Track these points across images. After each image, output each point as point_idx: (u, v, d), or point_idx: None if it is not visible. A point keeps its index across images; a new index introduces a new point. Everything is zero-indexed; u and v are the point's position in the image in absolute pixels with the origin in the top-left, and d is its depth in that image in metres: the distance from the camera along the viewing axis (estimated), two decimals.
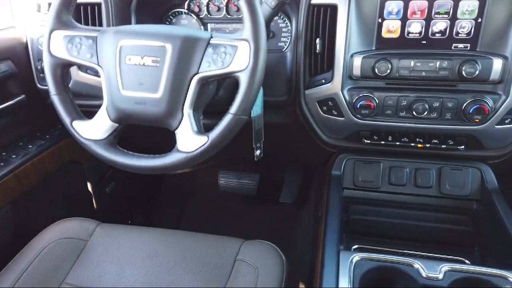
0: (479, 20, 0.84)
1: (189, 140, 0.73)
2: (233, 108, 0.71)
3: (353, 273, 0.69)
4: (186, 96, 0.73)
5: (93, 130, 0.79)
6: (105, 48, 0.76)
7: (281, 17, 1.04)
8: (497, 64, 0.83)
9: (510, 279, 0.66)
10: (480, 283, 0.67)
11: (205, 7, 1.09)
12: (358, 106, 0.91)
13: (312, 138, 1.04)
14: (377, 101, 0.91)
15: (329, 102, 0.95)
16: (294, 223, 1.46)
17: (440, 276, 0.67)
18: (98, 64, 0.77)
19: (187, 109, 0.74)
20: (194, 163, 0.74)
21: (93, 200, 1.35)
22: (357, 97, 0.91)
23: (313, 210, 1.41)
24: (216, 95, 0.87)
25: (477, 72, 0.83)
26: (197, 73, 0.73)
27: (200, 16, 1.10)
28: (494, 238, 0.84)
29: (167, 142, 0.79)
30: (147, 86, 0.74)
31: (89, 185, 1.34)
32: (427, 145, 0.94)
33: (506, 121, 0.87)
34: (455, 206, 0.95)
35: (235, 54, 0.70)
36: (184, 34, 0.74)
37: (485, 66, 0.83)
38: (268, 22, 0.83)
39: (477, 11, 0.84)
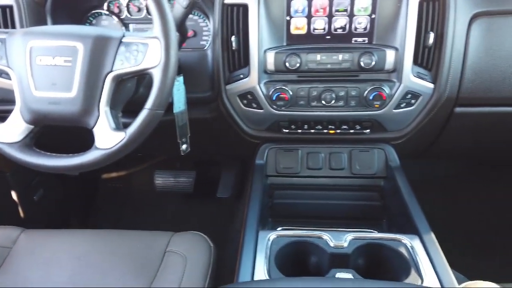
0: (373, 16, 0.95)
1: (107, 137, 0.75)
2: (149, 103, 0.74)
3: (269, 250, 0.75)
4: (101, 94, 0.75)
5: (7, 133, 0.78)
6: (15, 50, 0.76)
7: (201, 17, 1.08)
8: (390, 55, 0.94)
9: (403, 241, 0.76)
10: (379, 247, 0.76)
11: (125, 8, 1.10)
12: (274, 98, 0.99)
13: (237, 131, 1.10)
14: (291, 93, 0.98)
15: (249, 96, 1.01)
16: (231, 215, 1.51)
17: (345, 244, 0.76)
18: (9, 66, 0.77)
19: (104, 107, 0.75)
20: (114, 159, 0.76)
21: (19, 209, 1.30)
22: (273, 90, 0.98)
23: None
24: (136, 93, 0.89)
25: (373, 63, 0.93)
26: (111, 71, 0.75)
27: (121, 17, 1.11)
28: (396, 210, 0.95)
29: (86, 141, 0.80)
30: (61, 86, 0.74)
31: (14, 194, 1.29)
32: (338, 131, 1.04)
33: (402, 105, 0.98)
34: (366, 184, 1.06)
35: (147, 52, 0.73)
36: (96, 34, 0.75)
37: (380, 57, 0.94)
38: (182, 20, 0.87)
39: (370, 8, 0.94)
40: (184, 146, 1.00)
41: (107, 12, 1.10)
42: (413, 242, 0.76)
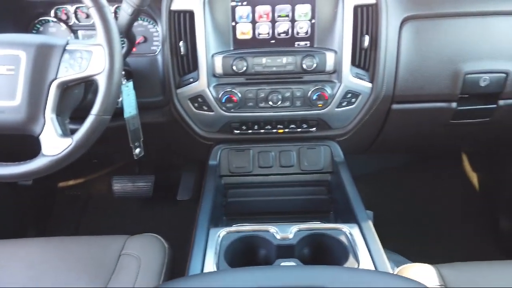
0: (313, 21, 1.01)
1: (54, 143, 0.76)
2: (95, 109, 0.76)
3: (219, 245, 0.79)
4: (46, 102, 0.76)
5: None
6: None
7: (151, 22, 1.10)
8: (330, 57, 1.00)
9: (343, 229, 0.82)
10: (321, 237, 0.81)
11: (73, 15, 1.10)
12: (223, 101, 1.02)
13: (190, 133, 1.13)
14: (239, 95, 1.02)
15: (199, 99, 1.04)
16: (191, 217, 1.53)
17: (291, 236, 0.81)
18: None
19: (49, 114, 0.76)
20: (61, 166, 0.77)
21: None
22: (222, 93, 1.02)
23: None
24: (85, 99, 0.90)
25: (315, 65, 0.99)
26: (56, 78, 0.76)
27: (69, 24, 1.11)
28: (340, 202, 1.02)
29: (34, 148, 0.80)
30: (4, 94, 0.75)
31: None
32: (286, 130, 1.09)
33: (343, 104, 1.05)
34: (314, 179, 1.12)
35: (91, 59, 0.75)
36: (39, 42, 0.76)
37: (321, 59, 1.00)
38: (128, 27, 0.89)
39: (310, 14, 1.00)
40: (137, 150, 1.02)
41: (54, 19, 1.10)
42: (352, 230, 0.82)
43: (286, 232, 0.81)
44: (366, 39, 1.00)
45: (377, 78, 1.02)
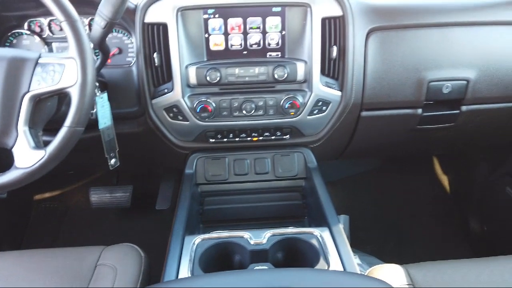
0: (283, 32, 1.05)
1: (27, 156, 0.76)
2: (68, 121, 0.77)
3: (194, 252, 0.80)
4: (19, 115, 0.76)
5: None
6: None
7: (125, 34, 1.12)
8: (300, 67, 1.04)
9: (314, 233, 0.85)
10: (294, 241, 0.84)
11: (47, 27, 1.11)
12: (198, 110, 1.05)
13: (166, 143, 1.14)
14: (214, 105, 1.05)
15: (174, 109, 1.06)
16: (169, 226, 1.54)
17: (264, 241, 0.83)
18: None
19: (22, 127, 0.77)
20: (34, 178, 0.77)
21: None
22: (196, 102, 1.04)
23: None
24: (59, 112, 0.91)
25: (286, 75, 1.03)
26: (28, 91, 0.77)
27: (43, 36, 1.12)
28: (313, 207, 1.05)
29: (6, 161, 0.81)
30: None
31: None
32: (261, 138, 1.12)
33: (315, 112, 1.08)
34: (288, 185, 1.15)
35: (63, 72, 0.76)
36: (10, 55, 0.77)
37: (292, 69, 1.03)
38: (101, 40, 0.90)
39: (280, 26, 1.04)
40: (112, 161, 1.03)
41: (28, 32, 1.10)
42: (323, 234, 0.85)
43: (260, 238, 0.83)
44: (334, 50, 1.04)
45: (346, 86, 1.06)
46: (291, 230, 0.86)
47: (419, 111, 1.13)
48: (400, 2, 1.11)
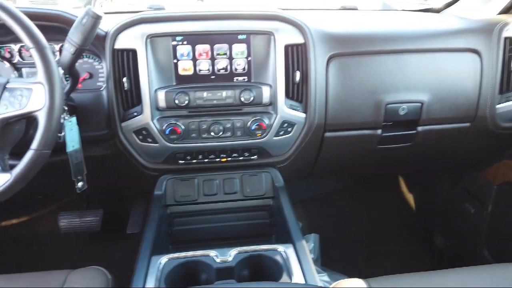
0: (249, 58, 1.10)
1: None
2: (34, 144, 0.78)
3: (161, 272, 0.81)
4: None
5: None
6: None
7: (96, 60, 1.15)
8: (266, 91, 1.09)
9: (279, 249, 0.88)
10: (259, 258, 0.87)
11: (17, 53, 1.12)
12: (167, 133, 1.08)
13: (135, 165, 1.16)
14: (182, 127, 1.08)
15: (143, 131, 1.09)
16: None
17: (230, 258, 0.85)
18: None
19: None
20: (0, 200, 0.78)
21: None
22: (165, 125, 1.07)
23: None
24: (26, 135, 0.92)
25: (252, 98, 1.08)
26: None
27: (13, 62, 1.13)
28: (280, 225, 1.08)
29: None
30: None
31: None
32: (230, 159, 1.15)
33: (281, 133, 1.13)
34: (257, 205, 1.18)
35: (31, 96, 0.78)
36: None
37: (258, 93, 1.08)
38: (71, 65, 0.93)
39: (246, 52, 1.10)
40: (80, 184, 1.03)
41: None
42: (287, 250, 0.88)
43: (226, 256, 0.85)
44: (298, 75, 1.10)
45: (310, 109, 1.12)
46: (256, 247, 0.88)
47: (379, 131, 1.20)
48: (357, 31, 1.19)
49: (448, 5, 1.48)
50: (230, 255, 0.85)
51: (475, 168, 1.45)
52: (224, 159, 1.15)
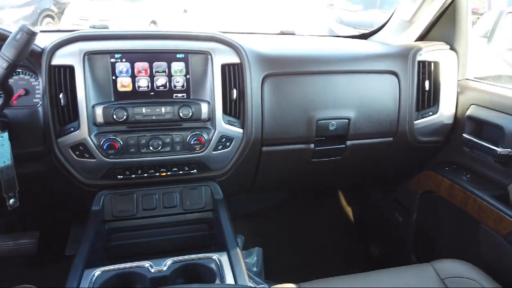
0: (188, 76, 1.15)
1: None
2: None
3: (93, 285, 0.81)
4: None
5: None
6: None
7: (33, 76, 1.14)
8: (204, 107, 1.14)
9: (213, 257, 0.91)
10: (194, 266, 0.89)
11: None
12: (105, 148, 1.09)
13: (72, 181, 1.15)
14: (121, 142, 1.10)
15: (80, 147, 1.09)
16: None
17: (165, 268, 0.87)
18: None
19: None
20: None
21: None
22: (103, 140, 1.08)
23: None
24: None
25: (191, 114, 1.12)
26: None
27: None
28: (219, 236, 1.11)
29: None
30: None
31: None
32: (169, 173, 1.18)
33: (219, 148, 1.18)
34: (196, 218, 1.20)
35: None
36: None
37: (196, 109, 1.13)
38: (3, 81, 0.93)
39: (185, 70, 1.15)
40: (11, 201, 1.01)
41: None
42: (221, 258, 0.91)
43: (161, 265, 0.87)
44: (234, 92, 1.17)
45: (247, 124, 1.18)
46: (191, 256, 0.91)
47: (312, 146, 1.29)
48: (290, 53, 1.29)
49: (374, 32, 1.64)
50: (165, 264, 0.87)
51: (402, 180, 1.58)
52: (164, 174, 1.18)
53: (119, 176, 1.14)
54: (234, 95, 1.17)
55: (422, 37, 1.48)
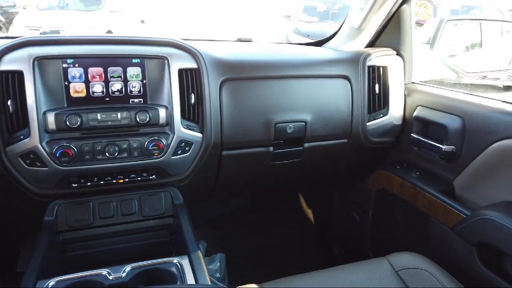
0: (144, 81, 1.15)
1: None
2: None
3: None
4: None
5: None
6: None
7: None
8: (162, 112, 1.13)
9: (174, 261, 0.90)
10: (154, 271, 0.88)
11: None
12: (58, 155, 1.05)
13: (23, 192, 1.09)
14: (75, 149, 1.06)
15: (31, 155, 1.04)
16: None
17: (124, 275, 0.85)
18: None
19: None
20: None
21: None
22: (56, 147, 1.05)
23: None
24: None
25: (148, 119, 1.11)
26: None
27: None
28: (180, 242, 1.10)
29: None
30: None
31: None
32: (127, 180, 1.15)
33: (179, 152, 1.18)
34: (157, 224, 1.19)
35: None
36: None
37: (154, 114, 1.12)
38: None
39: (141, 75, 1.14)
40: None
41: None
42: (182, 261, 0.91)
43: (119, 272, 0.85)
44: (193, 97, 1.17)
45: (206, 129, 1.19)
46: (151, 261, 0.90)
47: (271, 148, 1.32)
48: (247, 59, 1.31)
49: (328, 39, 1.71)
50: (124, 271, 0.85)
51: (358, 180, 1.65)
52: (121, 181, 1.15)
53: (73, 185, 1.10)
54: (193, 100, 1.17)
55: (371, 44, 1.57)
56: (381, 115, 1.43)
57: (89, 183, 1.12)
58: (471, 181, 1.21)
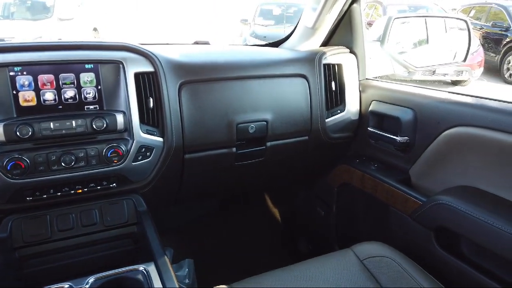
0: (99, 87, 1.11)
1: None
2: None
3: None
4: None
5: None
6: None
7: None
8: (120, 118, 1.10)
9: (140, 268, 0.88)
10: (120, 280, 0.85)
11: None
12: (9, 168, 0.99)
13: None
14: (28, 161, 1.01)
15: None
16: None
17: (87, 287, 0.82)
18: None
19: None
20: None
21: None
22: (6, 160, 0.99)
23: None
24: None
25: (105, 125, 1.08)
26: None
27: None
28: (146, 249, 1.07)
29: None
30: None
31: None
32: (86, 189, 1.11)
33: (139, 158, 1.15)
34: (120, 233, 1.15)
35: None
36: None
37: (111, 120, 1.09)
38: None
39: (95, 81, 1.10)
40: None
41: None
42: (149, 268, 0.88)
43: (82, 284, 0.82)
44: (151, 101, 1.15)
45: (167, 132, 1.17)
46: (116, 270, 0.87)
47: (234, 149, 1.32)
48: (205, 61, 1.31)
49: (284, 40, 1.74)
50: (87, 283, 0.82)
51: (320, 175, 1.69)
52: (80, 191, 1.11)
53: (28, 198, 1.05)
54: (151, 104, 1.15)
55: (325, 43, 1.61)
56: (339, 111, 1.48)
57: (44, 195, 1.07)
58: (425, 169, 1.27)
